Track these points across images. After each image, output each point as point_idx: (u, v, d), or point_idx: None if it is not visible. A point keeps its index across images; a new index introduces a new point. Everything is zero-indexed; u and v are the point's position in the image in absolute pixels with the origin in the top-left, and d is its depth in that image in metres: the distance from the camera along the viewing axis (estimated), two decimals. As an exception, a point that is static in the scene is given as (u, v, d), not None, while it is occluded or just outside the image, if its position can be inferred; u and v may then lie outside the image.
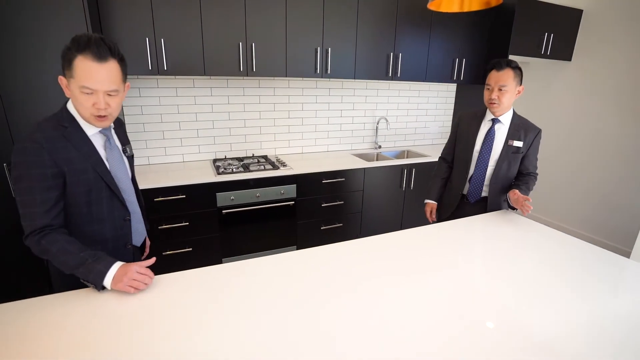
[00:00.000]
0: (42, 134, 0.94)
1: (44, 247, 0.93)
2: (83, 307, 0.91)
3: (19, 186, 0.93)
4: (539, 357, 0.80)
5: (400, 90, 3.24)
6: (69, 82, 0.95)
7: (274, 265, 1.16)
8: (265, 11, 2.19)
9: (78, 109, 0.98)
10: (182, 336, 0.82)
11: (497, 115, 1.66)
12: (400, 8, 2.60)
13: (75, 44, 0.91)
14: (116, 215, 1.11)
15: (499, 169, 1.67)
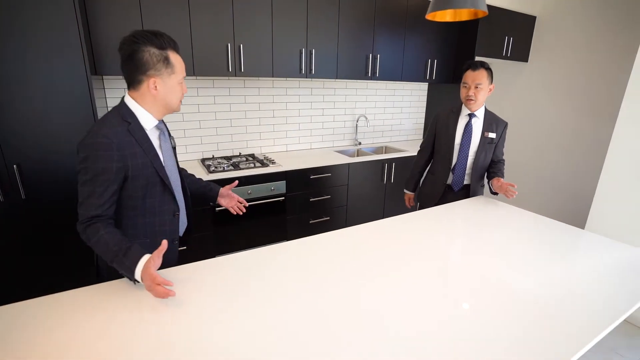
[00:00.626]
0: (110, 129, 1.00)
1: (86, 237, 1.00)
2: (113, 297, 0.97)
3: (83, 177, 0.99)
4: (524, 310, 0.97)
5: (377, 89, 3.42)
6: (166, 79, 1.04)
7: (264, 258, 1.22)
8: (252, 14, 2.26)
9: (172, 100, 1.08)
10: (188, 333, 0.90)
11: (473, 111, 1.86)
12: (378, 12, 2.76)
13: (167, 44, 1.02)
14: (166, 209, 1.16)
15: (477, 158, 1.88)
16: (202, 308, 0.93)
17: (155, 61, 1.01)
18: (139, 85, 1.04)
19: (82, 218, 1.00)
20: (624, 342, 2.04)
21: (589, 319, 0.94)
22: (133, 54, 0.99)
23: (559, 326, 0.91)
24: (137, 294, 0.99)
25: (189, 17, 2.08)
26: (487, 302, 1.00)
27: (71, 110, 1.73)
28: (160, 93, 1.05)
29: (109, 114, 1.06)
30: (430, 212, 1.71)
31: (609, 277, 1.17)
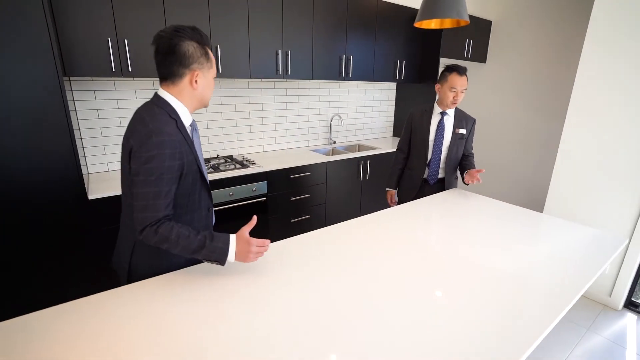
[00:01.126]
0: (169, 127, 0.99)
1: (162, 236, 0.98)
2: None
3: (147, 178, 0.96)
4: (502, 286, 1.09)
5: (349, 89, 3.52)
6: (207, 73, 1.05)
7: None
8: (228, 15, 2.25)
9: (208, 94, 1.10)
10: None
11: (443, 109, 2.01)
12: (350, 14, 2.85)
13: (205, 39, 1.04)
14: (203, 205, 1.17)
15: (450, 153, 2.03)
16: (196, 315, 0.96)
17: (199, 55, 1.02)
18: (179, 80, 1.03)
19: (150, 221, 0.98)
20: (580, 313, 2.30)
21: (558, 292, 1.08)
22: (176, 47, 0.99)
23: (533, 299, 1.04)
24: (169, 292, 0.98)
25: (164, 18, 2.04)
26: (470, 282, 1.11)
27: (41, 114, 1.64)
28: (199, 87, 1.05)
29: (152, 110, 1.02)
30: (409, 206, 1.82)
31: (567, 254, 1.33)
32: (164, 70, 1.03)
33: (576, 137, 2.31)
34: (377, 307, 0.98)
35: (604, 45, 2.11)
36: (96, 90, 2.20)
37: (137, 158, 0.97)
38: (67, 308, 0.93)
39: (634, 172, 2.11)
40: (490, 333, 0.88)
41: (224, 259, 1.03)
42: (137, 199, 0.98)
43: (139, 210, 0.98)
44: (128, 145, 1.01)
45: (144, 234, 0.99)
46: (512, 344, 0.85)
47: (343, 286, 1.07)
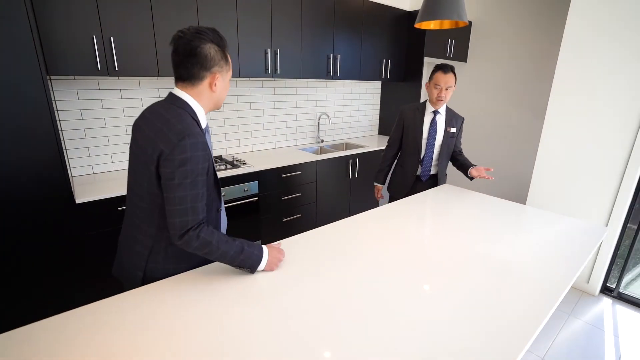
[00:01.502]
0: (195, 128, 0.97)
1: (204, 240, 0.98)
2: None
3: (183, 181, 0.95)
4: (497, 271, 1.15)
5: (336, 88, 3.54)
6: (225, 76, 1.06)
7: None
8: (216, 13, 2.22)
9: (224, 97, 1.10)
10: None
11: (437, 108, 2.06)
12: (337, 13, 2.87)
13: (224, 42, 1.04)
14: (213, 206, 1.15)
15: (442, 151, 2.10)
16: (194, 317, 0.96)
17: (219, 58, 1.02)
18: (199, 82, 1.02)
19: (192, 224, 0.97)
20: (562, 300, 2.43)
21: (550, 283, 1.13)
22: (197, 50, 0.97)
23: (527, 292, 1.08)
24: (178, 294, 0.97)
25: (152, 16, 1.98)
26: (467, 276, 1.16)
27: (25, 115, 1.56)
28: (218, 90, 1.05)
29: (174, 110, 1.00)
30: (405, 202, 1.87)
31: (556, 245, 1.41)
32: (183, 71, 1.01)
33: (556, 132, 2.44)
34: (376, 302, 1.00)
35: (581, 43, 2.23)
36: (79, 89, 2.11)
37: (170, 161, 0.94)
38: (72, 315, 0.91)
39: (608, 165, 2.24)
40: (489, 326, 0.91)
41: (256, 266, 1.07)
42: (174, 203, 0.96)
43: (177, 215, 0.96)
44: (156, 148, 0.96)
45: (185, 238, 0.97)
46: (512, 334, 0.88)
47: (350, 282, 1.09)
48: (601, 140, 2.25)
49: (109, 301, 0.96)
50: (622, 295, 2.44)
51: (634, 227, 2.38)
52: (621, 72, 2.10)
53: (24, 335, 0.83)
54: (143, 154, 1.00)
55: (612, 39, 2.10)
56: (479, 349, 0.83)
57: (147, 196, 1.02)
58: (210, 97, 1.06)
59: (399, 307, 0.98)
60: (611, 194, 2.26)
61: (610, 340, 2.06)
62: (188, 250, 0.99)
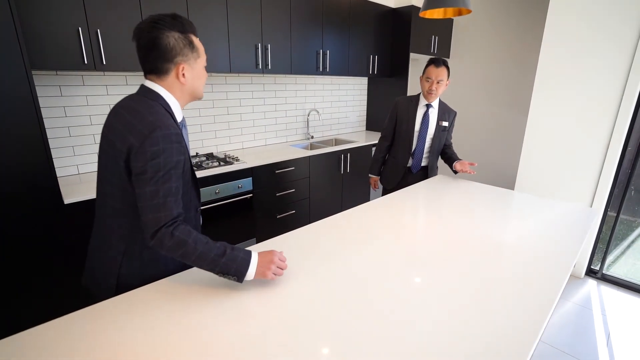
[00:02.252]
0: (168, 120, 0.91)
1: (178, 239, 0.87)
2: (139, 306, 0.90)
3: (155, 175, 0.88)
4: (494, 251, 1.18)
5: (324, 84, 3.55)
6: (194, 64, 0.98)
7: None
8: (206, 5, 2.17)
9: (199, 86, 1.03)
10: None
11: (430, 102, 2.10)
12: (325, 9, 2.88)
13: (188, 27, 0.95)
14: (192, 205, 1.08)
15: (433, 144, 2.14)
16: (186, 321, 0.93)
17: (182, 46, 0.94)
18: (166, 75, 0.95)
19: (165, 221, 0.87)
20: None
21: (553, 268, 1.17)
22: (156, 41, 0.91)
23: (532, 278, 1.09)
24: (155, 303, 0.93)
25: (140, 9, 1.92)
26: (467, 265, 1.19)
27: (8, 112, 1.47)
28: (188, 80, 0.98)
29: (146, 102, 0.94)
30: (403, 193, 1.89)
31: (552, 230, 1.47)
32: (148, 65, 0.95)
33: (540, 121, 2.53)
34: (373, 296, 0.98)
35: (562, 35, 2.33)
36: (62, 85, 2.01)
37: (141, 154, 0.87)
38: (61, 323, 0.83)
39: (589, 153, 2.35)
40: (498, 318, 0.87)
41: (244, 271, 0.92)
42: (146, 198, 0.88)
43: (149, 210, 0.88)
44: (125, 142, 0.89)
45: (158, 236, 0.87)
46: (523, 323, 0.85)
47: (348, 278, 1.09)
48: (583, 130, 2.36)
49: (78, 315, 0.85)
50: (606, 276, 2.57)
51: (613, 214, 2.50)
52: (601, 63, 2.21)
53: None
54: (112, 149, 0.92)
55: (592, 30, 2.21)
56: (491, 343, 0.78)
57: (119, 194, 0.95)
58: (182, 90, 0.99)
59: (405, 301, 0.97)
60: (593, 180, 2.37)
61: (599, 319, 2.16)
62: (162, 251, 0.89)
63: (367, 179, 3.47)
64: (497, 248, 1.25)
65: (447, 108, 2.18)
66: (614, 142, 2.24)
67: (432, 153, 2.19)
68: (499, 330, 0.83)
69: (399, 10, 3.45)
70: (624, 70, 2.13)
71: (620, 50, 2.12)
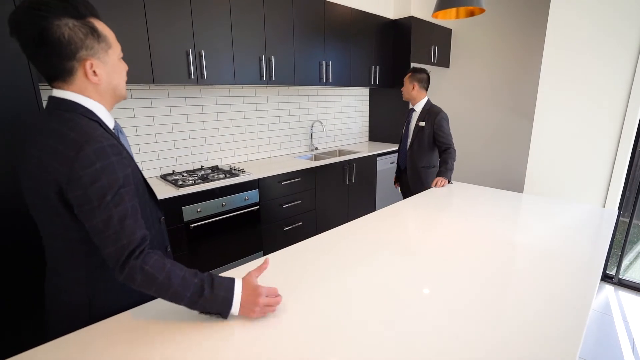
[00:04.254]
0: (95, 131, 0.73)
1: (148, 274, 0.73)
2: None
3: (103, 201, 0.71)
4: (505, 251, 1.13)
5: (327, 95, 3.56)
6: (104, 57, 0.78)
7: None
8: (210, 19, 2.19)
9: (119, 83, 0.84)
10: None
11: (412, 105, 2.44)
12: (327, 21, 2.91)
13: (84, 9, 0.74)
14: (153, 217, 0.95)
15: (412, 143, 2.40)
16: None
17: (82, 36, 0.73)
18: (71, 77, 0.75)
19: (130, 248, 0.73)
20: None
21: (584, 271, 1.11)
22: (45, 33, 0.69)
23: (564, 283, 1.02)
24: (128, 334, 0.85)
25: (146, 26, 1.92)
26: (492, 270, 1.14)
27: (16, 120, 1.45)
28: (102, 78, 0.78)
29: (62, 117, 0.74)
30: (413, 200, 1.85)
31: (577, 232, 1.43)
32: (42, 68, 0.75)
33: (546, 123, 2.52)
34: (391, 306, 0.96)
35: (567, 24, 2.34)
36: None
37: (75, 182, 0.70)
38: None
39: (599, 154, 2.33)
40: (533, 328, 0.80)
41: (226, 311, 0.80)
42: (100, 230, 0.72)
43: (110, 242, 0.72)
44: (50, 171, 0.71)
45: (127, 271, 0.73)
46: (562, 333, 0.78)
47: (358, 288, 1.04)
48: (590, 130, 2.34)
49: (45, 348, 0.75)
50: (623, 281, 2.50)
51: (625, 220, 2.47)
52: (606, 61, 2.21)
53: None
54: (36, 184, 0.75)
55: (595, 29, 2.22)
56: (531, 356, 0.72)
57: (61, 233, 0.79)
58: (97, 91, 0.79)
59: (424, 308, 0.93)
60: (604, 182, 2.34)
61: (620, 325, 2.08)
62: (134, 287, 0.75)
63: (371, 188, 3.45)
64: (519, 254, 1.21)
65: (431, 110, 2.32)
66: (624, 141, 2.22)
67: (414, 151, 2.39)
68: (535, 346, 0.75)
69: (398, 22, 3.50)
70: (629, 67, 2.13)
71: (625, 47, 2.12)
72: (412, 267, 1.09)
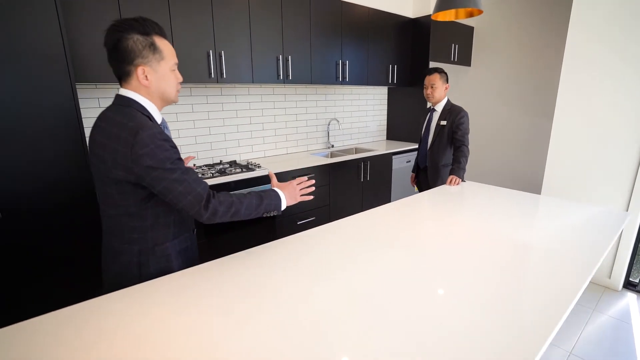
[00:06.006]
0: (147, 122, 0.94)
1: (226, 201, 1.00)
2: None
3: (165, 166, 0.92)
4: (512, 251, 1.14)
5: (344, 94, 3.61)
6: (156, 66, 0.98)
7: (258, 256, 1.18)
8: (230, 21, 2.30)
9: (166, 89, 1.02)
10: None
11: (433, 105, 2.36)
12: (344, 20, 2.96)
13: (150, 29, 0.97)
14: None
15: (433, 143, 2.38)
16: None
17: (141, 48, 0.95)
18: (129, 78, 0.97)
19: (206, 191, 0.98)
20: (584, 296, 2.39)
21: (573, 270, 1.13)
22: (117, 44, 0.93)
23: (548, 280, 1.06)
24: (144, 299, 0.93)
25: (170, 28, 2.06)
26: (485, 266, 1.16)
27: (54, 119, 1.62)
28: (152, 83, 0.98)
29: (122, 110, 0.96)
30: (428, 195, 1.88)
31: (574, 232, 1.41)
32: (113, 69, 0.98)
33: (566, 124, 2.45)
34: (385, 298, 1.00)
35: (588, 30, 2.27)
36: (100, 97, 2.18)
37: (139, 158, 0.90)
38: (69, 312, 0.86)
39: (622, 155, 2.24)
40: (512, 319, 0.83)
41: (280, 204, 1.12)
42: (174, 188, 0.94)
43: (186, 193, 0.95)
44: (116, 154, 0.91)
45: (210, 208, 0.97)
46: (535, 327, 0.81)
47: (347, 283, 1.09)
48: (612, 131, 2.26)
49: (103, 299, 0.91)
50: (647, 289, 2.39)
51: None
52: (628, 61, 2.13)
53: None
54: (104, 164, 0.95)
55: (618, 30, 2.14)
56: (502, 342, 0.76)
57: (122, 207, 0.99)
58: (148, 92, 1.00)
59: (423, 306, 0.98)
60: (628, 184, 2.25)
61: (639, 333, 2.01)
62: (217, 220, 0.99)
63: (386, 186, 3.47)
64: (517, 252, 1.22)
65: (453, 109, 2.31)
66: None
67: (434, 151, 2.39)
68: (509, 334, 0.78)
69: (417, 20, 3.49)
70: (654, 69, 2.04)
71: (650, 48, 2.04)
72: (410, 262, 1.14)
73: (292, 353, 0.72)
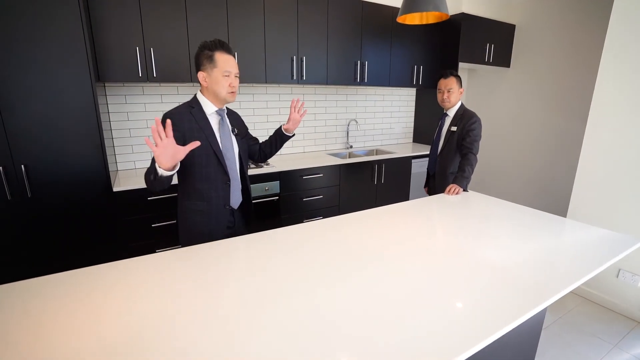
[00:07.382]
0: (175, 110, 1.38)
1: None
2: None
3: None
4: (504, 279, 1.08)
5: (367, 94, 3.57)
6: (209, 72, 1.35)
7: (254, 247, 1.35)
8: (245, 21, 2.41)
9: (218, 90, 1.37)
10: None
11: (446, 110, 2.23)
12: (365, 20, 2.93)
13: (215, 47, 1.34)
14: (220, 178, 1.45)
15: (444, 147, 2.25)
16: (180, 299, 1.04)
17: (204, 59, 1.34)
18: (198, 79, 1.38)
19: None
20: (609, 329, 2.14)
21: (540, 287, 1.04)
22: (196, 55, 1.36)
23: (509, 293, 1.01)
24: (134, 277, 1.08)
25: (187, 29, 2.22)
26: (448, 272, 1.11)
27: (76, 115, 1.84)
28: (209, 84, 1.37)
29: (184, 103, 1.42)
30: (412, 204, 1.82)
31: (571, 251, 1.28)
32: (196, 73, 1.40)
33: (598, 138, 2.20)
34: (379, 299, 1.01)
35: (624, 49, 2.01)
36: (127, 94, 2.42)
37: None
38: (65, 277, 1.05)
39: (663, 176, 1.96)
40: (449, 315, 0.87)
41: (154, 167, 1.22)
42: None
43: None
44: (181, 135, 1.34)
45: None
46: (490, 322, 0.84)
47: (339, 280, 1.11)
48: (653, 147, 1.98)
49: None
50: (686, 329, 2.07)
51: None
52: (676, 69, 1.85)
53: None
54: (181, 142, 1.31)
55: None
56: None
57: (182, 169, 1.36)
58: (207, 91, 1.40)
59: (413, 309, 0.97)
60: (667, 208, 1.96)
61: (660, 377, 1.76)
62: (147, 185, 1.31)
63: (404, 190, 3.38)
64: (490, 265, 1.15)
65: (463, 115, 2.18)
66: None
67: (443, 157, 2.28)
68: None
69: (450, 20, 3.32)
70: None
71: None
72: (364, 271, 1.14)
73: (292, 353, 0.75)
